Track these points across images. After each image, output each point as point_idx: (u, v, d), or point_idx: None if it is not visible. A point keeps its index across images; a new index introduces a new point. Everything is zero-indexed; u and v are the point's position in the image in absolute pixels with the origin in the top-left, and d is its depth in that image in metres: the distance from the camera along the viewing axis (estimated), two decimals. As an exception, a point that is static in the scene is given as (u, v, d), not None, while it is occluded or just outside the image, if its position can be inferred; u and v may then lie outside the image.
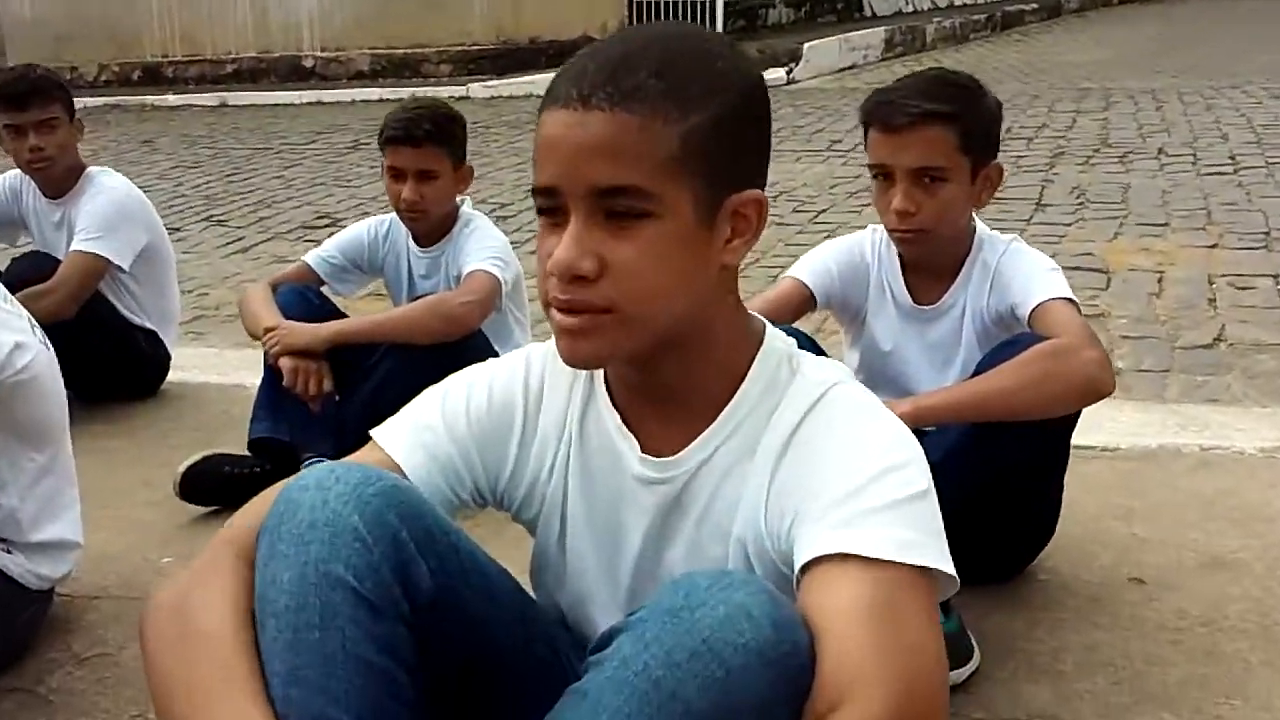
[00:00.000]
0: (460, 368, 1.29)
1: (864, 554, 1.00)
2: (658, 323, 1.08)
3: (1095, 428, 2.39)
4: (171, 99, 10.19)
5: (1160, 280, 3.88)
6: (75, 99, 3.14)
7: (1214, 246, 4.25)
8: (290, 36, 11.19)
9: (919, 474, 1.07)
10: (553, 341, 1.22)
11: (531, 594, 1.29)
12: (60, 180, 3.09)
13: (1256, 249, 4.18)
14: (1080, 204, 4.98)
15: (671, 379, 1.15)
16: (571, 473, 1.22)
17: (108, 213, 3.03)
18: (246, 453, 2.52)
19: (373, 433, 1.24)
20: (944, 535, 1.06)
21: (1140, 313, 3.52)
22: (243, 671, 1.03)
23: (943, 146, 1.82)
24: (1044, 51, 11.11)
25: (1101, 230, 4.52)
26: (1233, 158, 5.76)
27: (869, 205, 5.18)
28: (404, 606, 1.05)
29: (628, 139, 1.02)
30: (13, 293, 2.60)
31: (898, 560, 1.00)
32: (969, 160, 1.85)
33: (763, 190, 1.12)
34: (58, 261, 3.00)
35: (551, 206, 1.07)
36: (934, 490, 1.07)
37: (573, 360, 1.11)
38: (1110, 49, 11.19)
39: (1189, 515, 2.21)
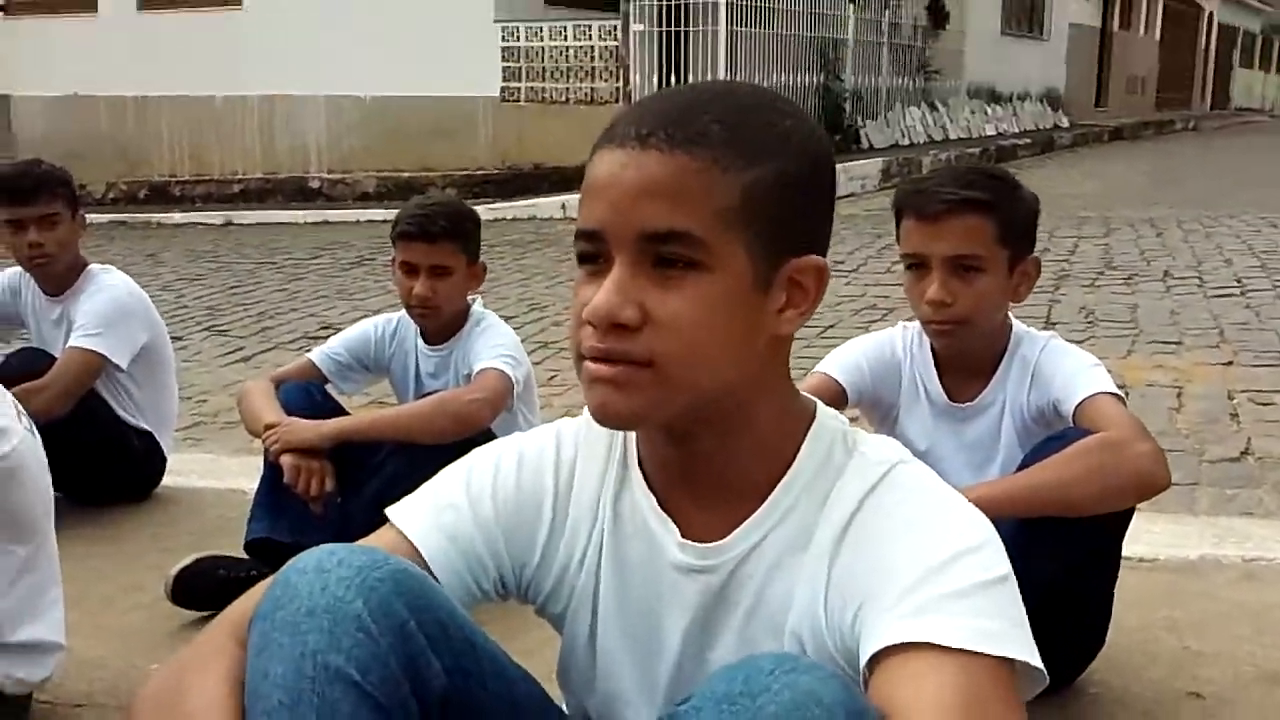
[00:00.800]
0: None
1: (944, 644, 0.90)
2: (700, 387, 0.98)
3: (1132, 539, 2.26)
4: (177, 216, 10.27)
5: (1179, 395, 3.82)
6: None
7: (1229, 364, 4.20)
8: (297, 159, 11.37)
9: (998, 557, 0.97)
10: (583, 417, 1.12)
11: (557, 702, 1.16)
12: (60, 277, 3.03)
13: (1273, 365, 4.14)
14: (1090, 323, 4.96)
15: (712, 458, 1.05)
16: (605, 562, 1.11)
17: (107, 310, 2.96)
18: (243, 555, 2.40)
19: (388, 511, 1.12)
20: (1028, 625, 0.95)
21: (1163, 427, 3.44)
22: None
23: (980, 235, 1.78)
24: (1039, 183, 11.10)
25: (1114, 348, 4.48)
26: (1239, 280, 5.77)
27: (875, 321, 5.18)
28: (412, 706, 0.94)
29: (685, 182, 0.95)
30: (7, 389, 2.52)
31: (982, 651, 0.90)
32: (1006, 252, 1.80)
33: (823, 258, 1.03)
34: (53, 358, 2.92)
35: (593, 252, 0.98)
36: (1014, 577, 0.97)
37: (604, 417, 0.99)
38: (1103, 182, 11.37)
39: (1239, 629, 2.11)
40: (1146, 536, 2.46)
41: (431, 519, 1.10)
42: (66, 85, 11.64)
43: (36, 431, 1.84)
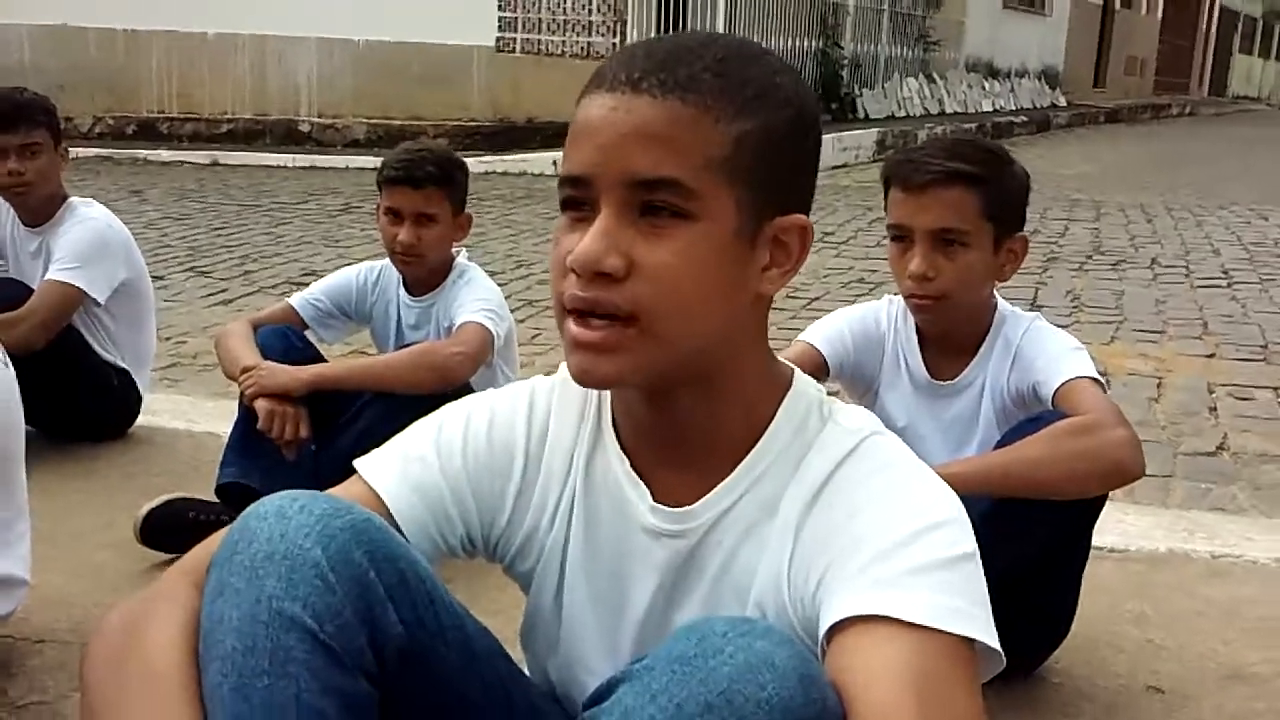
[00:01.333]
0: None
1: (904, 618, 0.89)
2: (684, 342, 0.97)
3: (1102, 529, 2.26)
4: (165, 154, 10.15)
5: (1159, 386, 3.83)
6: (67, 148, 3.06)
7: (1211, 356, 4.21)
8: (288, 101, 11.23)
9: (964, 534, 0.96)
10: (558, 376, 1.12)
11: (519, 664, 1.15)
12: (39, 207, 2.99)
13: (1255, 360, 4.14)
14: (1075, 307, 4.96)
15: (689, 419, 1.03)
16: (574, 522, 1.09)
17: (87, 244, 2.92)
18: (214, 499, 2.39)
19: (356, 463, 1.11)
20: (989, 606, 0.94)
21: (1141, 417, 3.44)
22: (182, 706, 0.91)
23: (965, 209, 1.75)
24: (1033, 162, 11.15)
25: (1098, 334, 4.48)
26: (1225, 272, 5.77)
27: (862, 295, 5.17)
28: (368, 657, 0.93)
29: (677, 129, 0.93)
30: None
31: (941, 628, 0.89)
32: (992, 227, 1.78)
33: (807, 217, 1.02)
34: (30, 290, 2.89)
35: (578, 198, 0.96)
36: (979, 556, 0.96)
37: (585, 379, 0.98)
38: (1098, 164, 11.36)
39: (1206, 624, 2.11)
40: (1118, 526, 2.47)
41: (399, 472, 1.09)
42: (56, 14, 11.44)
43: (11, 365, 1.81)
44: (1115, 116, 18.31)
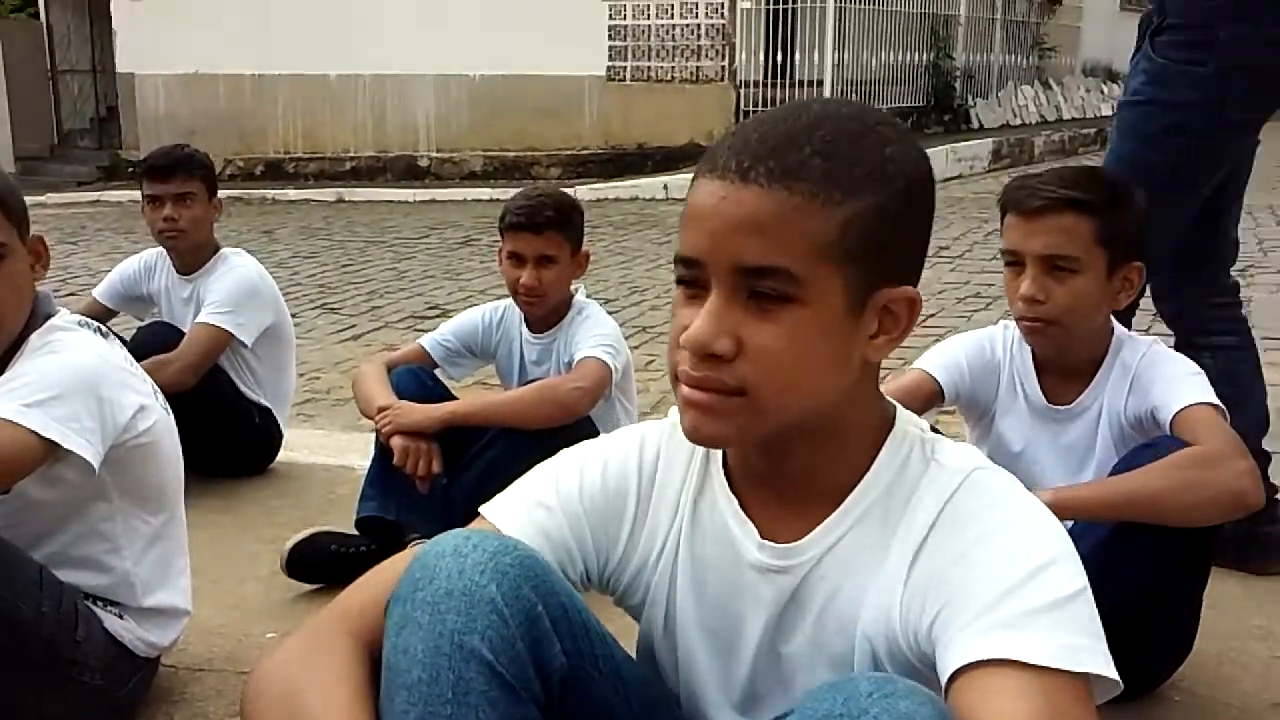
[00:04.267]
0: None
1: (1027, 661, 0.93)
2: (790, 413, 1.02)
3: (1228, 544, 2.27)
4: (291, 193, 10.56)
5: (1290, 396, 3.72)
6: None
7: (1347, 364, 4.06)
8: (407, 137, 11.58)
9: (1076, 569, 1.00)
10: (668, 421, 1.19)
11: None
12: (192, 256, 3.19)
13: (1393, 368, 3.99)
14: (1200, 317, 4.82)
15: (798, 467, 1.09)
16: (680, 560, 1.16)
17: (237, 290, 3.11)
18: (353, 531, 2.52)
19: (483, 509, 1.19)
20: (1104, 637, 0.98)
21: (1273, 429, 3.35)
22: None
23: (1077, 235, 1.77)
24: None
25: (1224, 343, 4.36)
26: (1362, 275, 5.56)
27: (979, 310, 5.13)
28: (536, 687, 1.01)
29: (782, 217, 0.97)
30: (136, 360, 2.67)
31: (1064, 668, 0.93)
32: (1105, 254, 1.79)
33: (915, 287, 1.05)
34: (181, 333, 3.08)
35: (691, 278, 1.02)
36: (1090, 588, 1.00)
37: (696, 438, 1.04)
38: (1225, 165, 10.95)
39: (1336, 640, 2.07)
40: (1244, 543, 2.42)
41: (526, 515, 1.16)
42: (188, 64, 12.01)
43: (170, 409, 1.95)
44: (1243, 113, 17.69)
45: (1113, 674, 0.96)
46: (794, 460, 1.08)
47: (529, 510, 1.17)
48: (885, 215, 1.00)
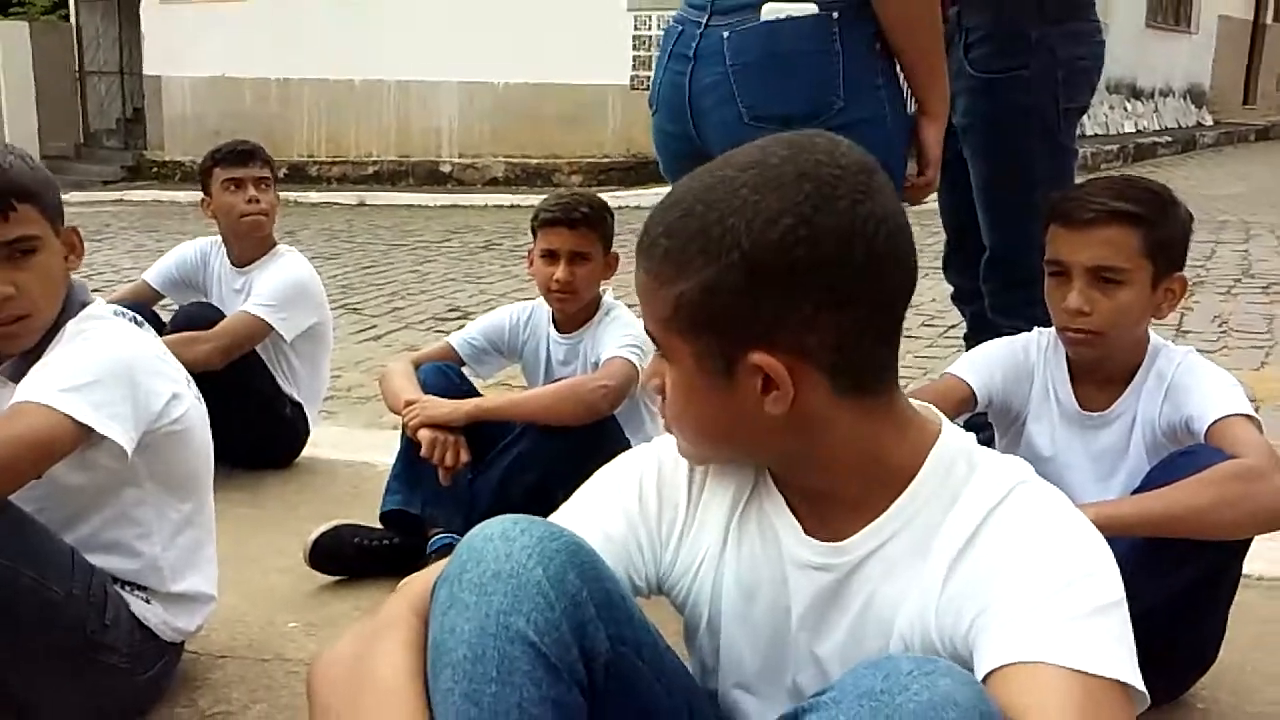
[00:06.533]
0: (593, 453, 1.30)
1: (1063, 663, 0.95)
2: (722, 453, 1.17)
3: (1253, 555, 2.22)
4: (314, 196, 10.62)
5: (1315, 412, 3.72)
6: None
7: (1371, 381, 4.06)
8: (430, 142, 11.64)
9: (1114, 582, 1.02)
10: None
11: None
12: (254, 246, 3.24)
13: None
14: (1223, 332, 4.84)
15: (818, 486, 1.13)
16: (726, 558, 1.19)
17: (287, 286, 3.16)
18: (375, 525, 2.54)
19: (553, 518, 1.20)
20: (1135, 650, 1.00)
21: (1294, 444, 3.35)
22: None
23: (1124, 247, 1.77)
24: (1178, 183, 10.81)
25: (1248, 359, 4.37)
26: (1385, 293, 5.55)
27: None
28: (580, 671, 1.02)
29: (642, 293, 1.09)
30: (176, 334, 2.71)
31: (1098, 673, 0.95)
32: (1151, 266, 1.79)
33: (798, 352, 1.03)
34: (223, 316, 3.12)
35: None
36: (1125, 600, 1.01)
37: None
38: (1247, 184, 10.96)
39: (1360, 651, 2.07)
40: (1267, 553, 2.40)
41: (592, 522, 1.19)
42: (214, 67, 12.10)
43: (202, 398, 1.97)
44: (1266, 134, 17.62)
45: (1141, 686, 0.98)
46: (807, 481, 1.14)
47: (595, 517, 1.20)
48: (718, 288, 1.02)
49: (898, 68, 1.98)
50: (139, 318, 1.93)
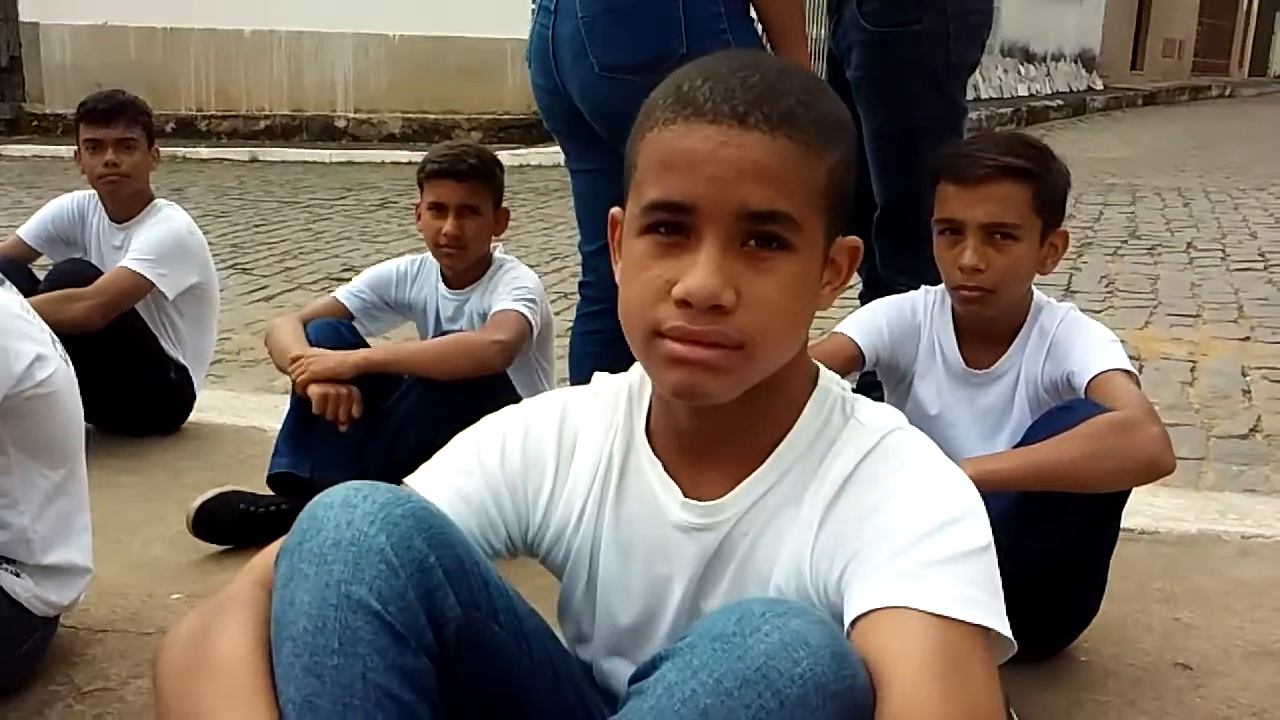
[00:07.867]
0: (484, 409, 1.24)
1: (926, 609, 0.95)
2: (775, 366, 1.04)
3: (1133, 511, 2.30)
4: (204, 151, 10.29)
5: (1193, 370, 3.84)
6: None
7: (1246, 339, 4.21)
8: (324, 97, 11.34)
9: (982, 528, 1.02)
10: (590, 388, 1.20)
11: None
12: (128, 203, 3.11)
13: (1291, 343, 4.14)
14: (1109, 292, 4.96)
15: (735, 424, 1.09)
16: (604, 522, 1.16)
17: (165, 242, 3.04)
18: (263, 491, 2.46)
19: (407, 480, 1.18)
20: (1002, 595, 1.00)
21: (1174, 400, 3.46)
22: (255, 700, 0.96)
23: (1017, 204, 1.79)
24: (1068, 147, 11.15)
25: (1132, 319, 4.49)
26: (1263, 254, 5.75)
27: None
28: (429, 638, 0.98)
29: (788, 164, 0.97)
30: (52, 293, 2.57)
31: (960, 618, 0.95)
32: (1040, 221, 1.81)
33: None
34: (100, 273, 2.99)
35: (675, 223, 0.99)
36: (994, 547, 1.01)
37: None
38: (1134, 148, 11.28)
39: (1235, 603, 2.14)
40: (1147, 509, 2.49)
41: (448, 483, 1.16)
42: (96, 14, 11.61)
43: (70, 361, 1.88)
44: (1153, 99, 18.15)
45: (1008, 633, 0.98)
46: (730, 417, 1.08)
47: (451, 477, 1.17)
48: (849, 165, 1.04)
49: (752, 12, 1.99)
50: (1, 276, 1.84)
